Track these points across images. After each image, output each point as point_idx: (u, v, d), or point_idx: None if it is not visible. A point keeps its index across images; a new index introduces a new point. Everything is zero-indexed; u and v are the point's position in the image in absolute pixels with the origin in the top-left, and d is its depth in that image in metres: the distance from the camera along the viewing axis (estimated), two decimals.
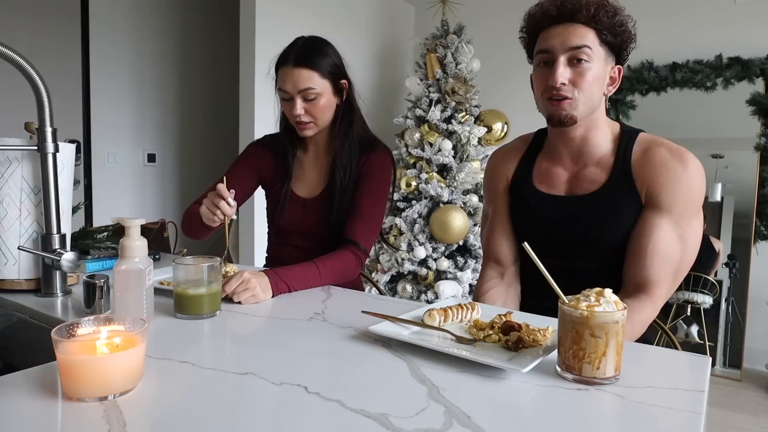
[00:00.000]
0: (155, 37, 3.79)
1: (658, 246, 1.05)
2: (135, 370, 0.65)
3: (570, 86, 1.05)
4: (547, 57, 1.07)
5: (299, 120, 1.33)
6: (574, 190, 1.15)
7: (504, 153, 1.32)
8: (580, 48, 1.04)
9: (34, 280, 1.11)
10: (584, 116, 1.09)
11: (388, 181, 1.42)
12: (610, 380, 0.70)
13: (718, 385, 2.94)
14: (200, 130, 4.13)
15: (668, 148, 1.08)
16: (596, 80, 1.06)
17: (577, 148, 1.15)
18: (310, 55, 1.31)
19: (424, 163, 3.18)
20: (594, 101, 1.08)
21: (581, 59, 1.04)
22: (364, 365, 0.75)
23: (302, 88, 1.29)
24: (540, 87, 1.10)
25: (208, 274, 0.96)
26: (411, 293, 3.14)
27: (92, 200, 3.47)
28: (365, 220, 1.35)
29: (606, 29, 1.05)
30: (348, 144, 1.39)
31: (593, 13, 1.03)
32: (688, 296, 3.10)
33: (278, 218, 1.47)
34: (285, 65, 1.31)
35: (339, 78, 1.36)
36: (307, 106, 1.32)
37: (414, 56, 3.79)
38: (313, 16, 3.19)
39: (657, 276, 1.06)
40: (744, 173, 3.05)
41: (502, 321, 0.86)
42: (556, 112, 1.08)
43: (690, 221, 1.07)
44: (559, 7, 1.05)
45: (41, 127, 1.04)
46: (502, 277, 1.25)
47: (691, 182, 1.06)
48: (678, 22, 3.18)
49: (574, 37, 1.04)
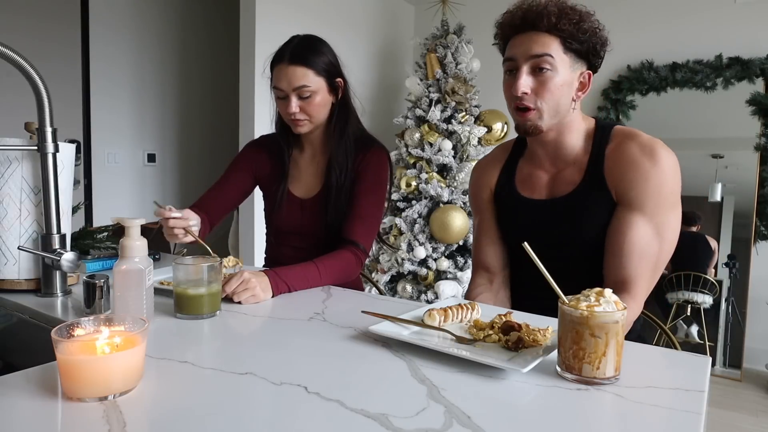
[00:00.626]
0: (155, 38, 3.79)
1: (634, 243, 1.05)
2: (135, 370, 0.65)
3: (532, 96, 1.06)
4: (511, 65, 1.09)
5: (294, 118, 1.33)
6: (553, 192, 1.17)
7: (485, 163, 1.33)
8: (542, 56, 1.04)
9: (34, 280, 1.11)
10: (551, 124, 1.10)
11: (385, 179, 1.41)
12: (610, 380, 0.70)
13: (718, 385, 2.94)
14: (200, 130, 4.13)
15: (639, 144, 1.07)
16: (560, 88, 1.06)
17: (552, 151, 1.16)
18: (305, 53, 1.30)
19: (424, 163, 3.18)
20: (561, 108, 1.08)
21: (543, 68, 1.04)
22: (364, 365, 0.75)
23: (297, 85, 1.29)
24: (507, 95, 1.11)
25: (208, 274, 0.96)
26: (411, 293, 3.14)
27: (92, 200, 3.47)
28: (363, 220, 1.35)
29: (570, 37, 1.04)
30: (344, 143, 1.39)
31: (555, 21, 1.03)
32: (688, 296, 3.11)
33: (276, 219, 1.47)
34: (280, 63, 1.31)
35: (334, 76, 1.36)
36: (302, 103, 1.31)
37: (414, 56, 3.80)
38: (313, 16, 3.19)
39: (635, 273, 1.06)
40: (744, 173, 3.05)
41: (502, 321, 0.86)
42: (522, 122, 1.10)
43: (665, 215, 1.07)
44: (523, 17, 1.06)
45: (41, 127, 1.04)
46: (491, 284, 1.26)
47: (662, 177, 1.05)
48: (678, 22, 3.18)
49: (536, 46, 1.04)
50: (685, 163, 1.14)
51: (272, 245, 1.54)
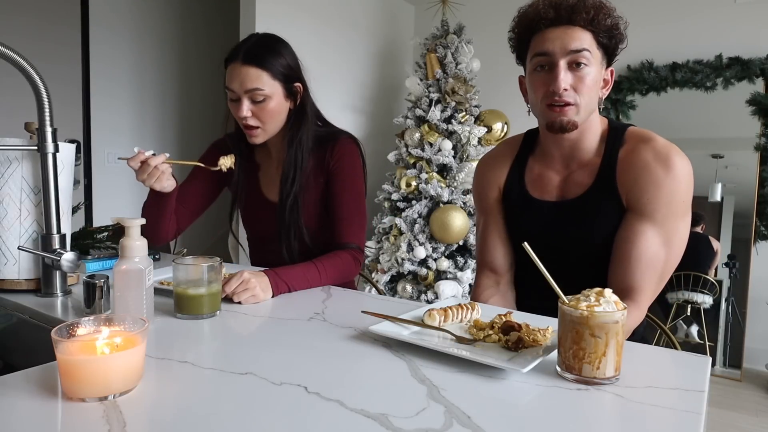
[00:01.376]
0: (155, 38, 3.79)
1: (642, 252, 1.03)
2: (135, 370, 0.65)
3: (571, 91, 1.03)
4: (546, 60, 1.04)
5: (246, 123, 1.26)
6: (564, 194, 1.14)
7: (492, 161, 1.28)
8: (580, 51, 1.01)
9: (34, 280, 1.11)
10: (584, 121, 1.07)
11: (358, 170, 1.35)
12: (610, 380, 0.70)
13: (718, 385, 2.94)
14: (200, 130, 4.13)
15: (654, 149, 1.05)
16: (595, 84, 1.04)
17: (569, 151, 1.13)
18: (262, 53, 1.22)
19: (424, 163, 3.18)
20: (592, 105, 1.06)
21: (581, 63, 1.01)
22: (364, 365, 0.75)
23: (249, 87, 1.22)
24: (539, 92, 1.06)
25: (208, 274, 0.96)
26: (411, 293, 3.14)
27: (92, 200, 3.47)
28: (349, 220, 1.32)
29: (603, 32, 1.02)
30: (293, 152, 1.30)
31: (592, 15, 1.00)
32: (688, 296, 3.11)
33: (253, 225, 1.43)
34: (234, 62, 1.23)
35: (292, 80, 1.28)
36: (254, 108, 1.24)
37: (414, 56, 3.80)
38: (313, 16, 3.19)
39: (641, 282, 1.04)
40: (744, 173, 3.05)
41: (502, 321, 0.86)
42: (558, 118, 1.05)
43: (675, 224, 1.04)
44: (557, 9, 1.02)
45: (41, 127, 1.04)
46: (498, 285, 1.23)
47: (675, 186, 1.02)
48: (678, 22, 3.18)
49: (574, 41, 1.01)
50: None
51: (255, 252, 1.51)
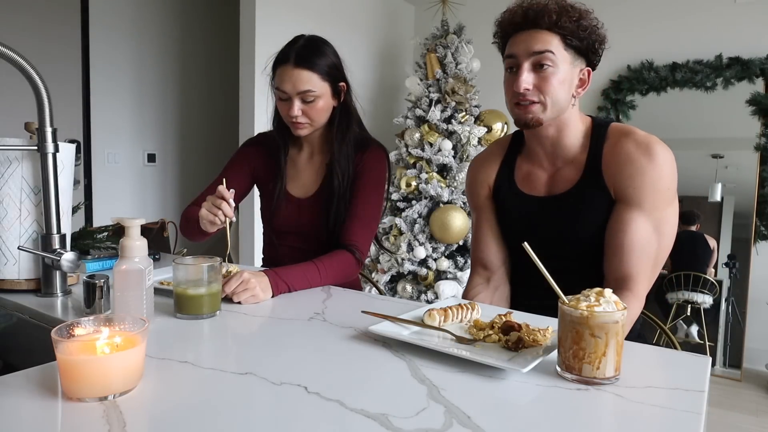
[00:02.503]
0: (155, 37, 3.79)
1: (634, 240, 1.07)
2: (135, 370, 0.65)
3: (535, 91, 1.08)
4: (512, 62, 1.10)
5: (296, 121, 1.32)
6: (552, 190, 1.18)
7: (482, 160, 1.33)
8: (543, 53, 1.06)
9: (34, 280, 1.11)
10: (551, 118, 1.11)
11: (383, 178, 1.40)
12: (610, 380, 0.70)
13: (718, 385, 2.94)
14: (200, 130, 4.13)
15: (635, 140, 1.09)
16: (562, 84, 1.08)
17: (551, 148, 1.17)
18: (311, 56, 1.29)
19: (424, 163, 3.18)
20: (561, 104, 1.10)
21: (544, 64, 1.06)
22: (364, 365, 0.75)
23: (302, 89, 1.28)
24: (509, 92, 1.12)
25: (208, 274, 0.96)
26: (411, 293, 3.14)
27: (92, 200, 3.47)
28: (361, 221, 1.34)
29: (570, 34, 1.06)
30: (345, 147, 1.37)
31: (555, 19, 1.05)
32: (688, 296, 3.11)
33: (273, 218, 1.46)
34: (285, 64, 1.29)
35: (338, 80, 1.34)
36: (304, 107, 1.30)
37: (414, 56, 3.79)
38: (313, 16, 3.19)
39: (636, 270, 1.07)
40: (744, 173, 3.05)
41: (502, 321, 0.86)
42: (522, 115, 1.11)
43: (663, 211, 1.08)
44: (524, 14, 1.08)
45: (41, 127, 1.04)
46: (488, 282, 1.26)
47: (658, 173, 1.06)
48: (678, 22, 3.18)
49: (537, 43, 1.06)
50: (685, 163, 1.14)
51: (270, 245, 1.53)
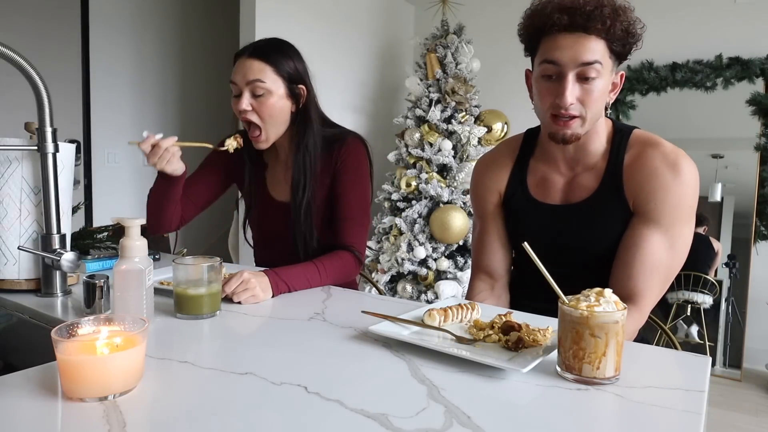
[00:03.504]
0: (155, 37, 3.79)
1: (646, 257, 1.02)
2: (135, 370, 0.65)
3: (578, 104, 0.99)
4: (555, 70, 0.99)
5: (245, 118, 1.27)
6: (568, 197, 1.12)
7: (491, 163, 1.24)
8: (592, 64, 0.96)
9: (34, 280, 1.11)
10: (587, 131, 1.04)
11: (365, 170, 1.35)
12: (610, 380, 0.70)
13: (718, 385, 2.94)
14: (200, 130, 4.13)
15: (662, 154, 1.03)
16: (603, 95, 1.01)
17: (573, 155, 1.11)
18: (268, 50, 1.26)
19: (424, 163, 3.18)
20: (599, 115, 1.03)
21: (590, 77, 0.97)
22: (364, 365, 0.75)
23: (251, 79, 1.23)
24: (545, 101, 1.03)
25: (208, 274, 0.96)
26: (411, 293, 3.14)
27: (92, 200, 3.47)
28: (353, 221, 1.32)
29: (618, 40, 0.98)
30: (300, 158, 1.31)
31: (609, 25, 0.95)
32: (688, 296, 3.11)
33: (260, 224, 1.43)
34: (241, 56, 1.26)
35: (296, 82, 1.29)
36: (254, 102, 1.25)
37: (414, 56, 3.79)
38: (313, 16, 3.19)
39: (644, 287, 1.03)
40: (744, 173, 3.05)
41: (502, 321, 0.86)
42: (562, 131, 1.02)
43: (680, 229, 1.03)
44: (572, 15, 0.95)
45: (41, 127, 1.04)
46: (492, 289, 1.22)
47: (683, 191, 1.01)
48: (678, 22, 3.17)
49: (586, 52, 0.96)
50: None
51: (260, 252, 1.51)
